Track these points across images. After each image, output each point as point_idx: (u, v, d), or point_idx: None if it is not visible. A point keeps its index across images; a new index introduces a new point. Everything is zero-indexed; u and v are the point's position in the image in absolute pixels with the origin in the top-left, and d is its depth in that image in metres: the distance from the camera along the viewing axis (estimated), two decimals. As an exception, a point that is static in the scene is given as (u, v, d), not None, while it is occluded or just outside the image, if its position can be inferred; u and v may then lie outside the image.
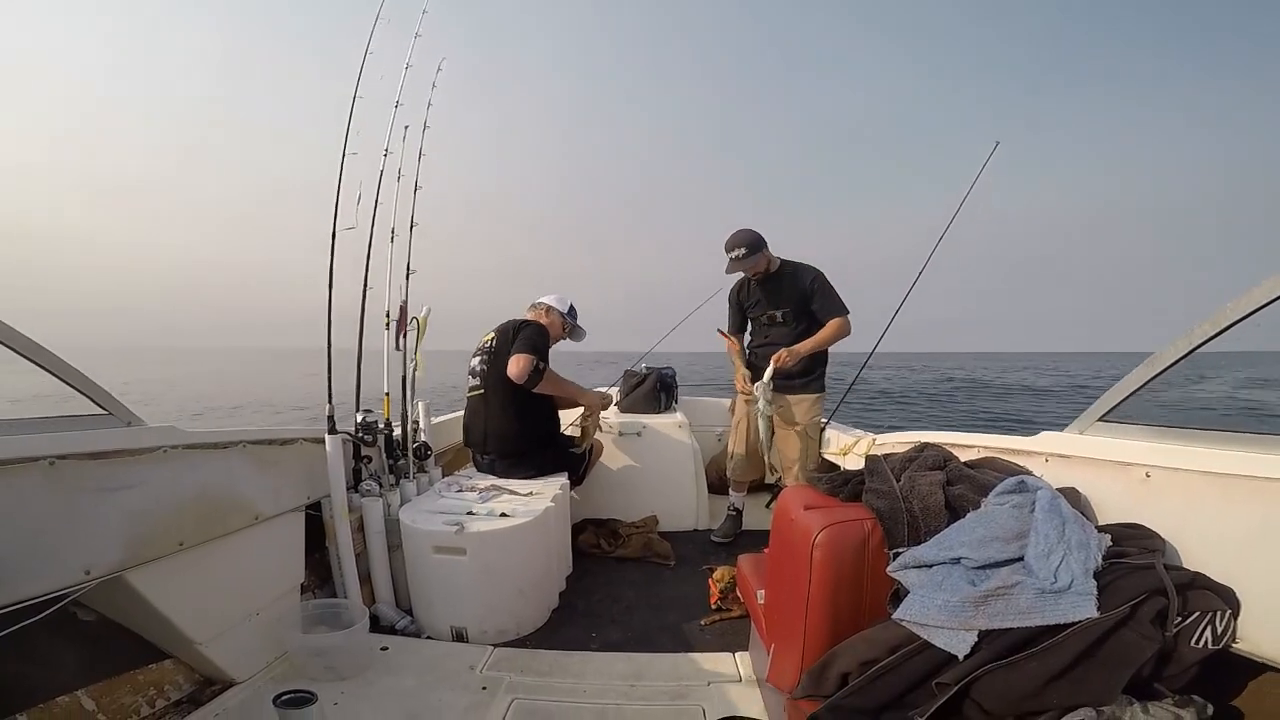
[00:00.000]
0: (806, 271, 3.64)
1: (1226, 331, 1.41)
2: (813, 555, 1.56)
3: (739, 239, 3.54)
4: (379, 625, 2.67)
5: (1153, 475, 1.55)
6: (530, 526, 2.68)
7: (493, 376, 3.27)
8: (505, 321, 3.45)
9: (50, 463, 1.63)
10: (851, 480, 1.81)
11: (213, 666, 2.09)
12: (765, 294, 3.72)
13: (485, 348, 3.37)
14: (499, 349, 3.28)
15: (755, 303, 3.79)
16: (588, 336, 3.79)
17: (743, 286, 3.86)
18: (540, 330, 3.38)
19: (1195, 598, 1.26)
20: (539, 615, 2.79)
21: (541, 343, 3.33)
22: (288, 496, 2.47)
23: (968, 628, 1.30)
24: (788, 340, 3.57)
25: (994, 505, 1.57)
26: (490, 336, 3.39)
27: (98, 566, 1.72)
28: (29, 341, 1.61)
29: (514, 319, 3.48)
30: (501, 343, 3.30)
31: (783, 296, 3.67)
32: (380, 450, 2.98)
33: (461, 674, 2.27)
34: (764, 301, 3.74)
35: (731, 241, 3.56)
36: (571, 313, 3.68)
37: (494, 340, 3.35)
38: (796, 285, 3.63)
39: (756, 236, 3.53)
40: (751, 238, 3.52)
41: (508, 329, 3.35)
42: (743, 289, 3.86)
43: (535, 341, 3.27)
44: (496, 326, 3.43)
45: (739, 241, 3.54)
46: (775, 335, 3.69)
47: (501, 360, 3.22)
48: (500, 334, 3.35)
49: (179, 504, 1.99)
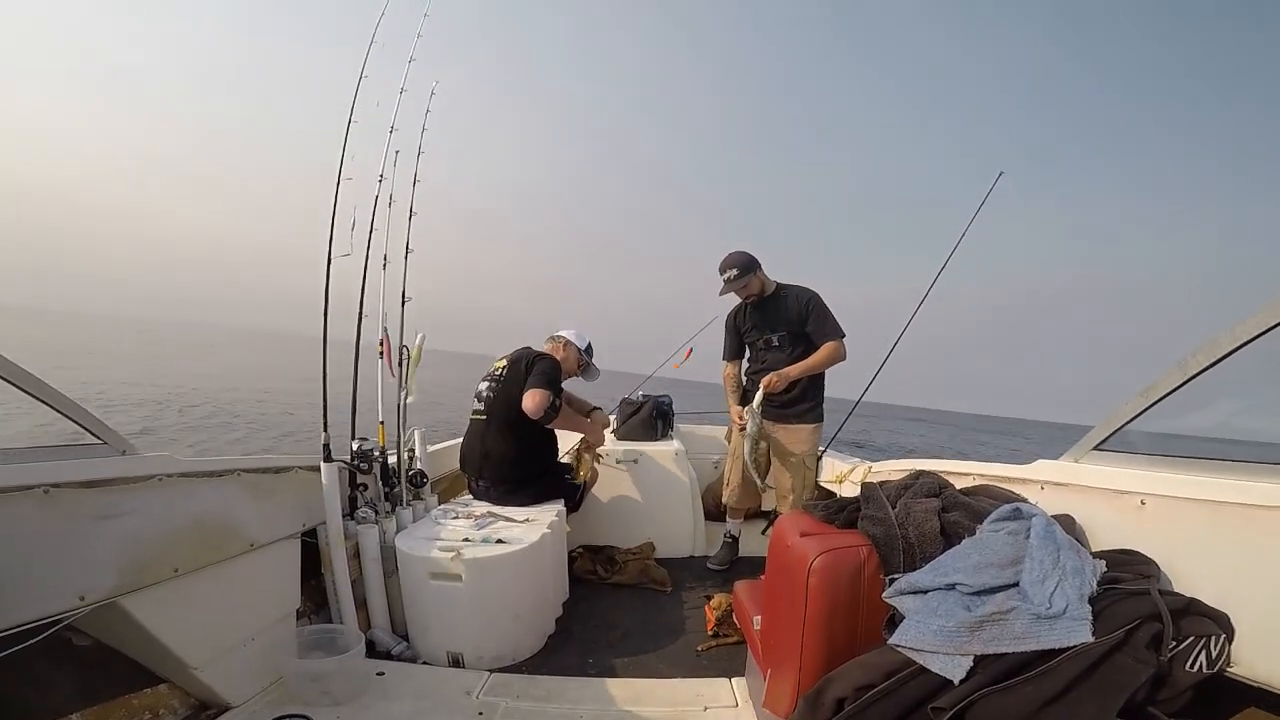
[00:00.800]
0: (802, 293, 3.59)
1: (1221, 362, 1.43)
2: (809, 581, 1.57)
3: (731, 260, 3.50)
4: (375, 650, 2.66)
5: (1147, 503, 1.56)
6: (526, 553, 2.68)
7: (498, 404, 3.26)
8: (519, 350, 3.46)
9: (45, 490, 1.64)
10: (847, 507, 1.82)
11: (208, 691, 2.08)
12: (760, 317, 3.68)
13: (495, 374, 3.37)
14: (509, 378, 3.28)
15: (751, 327, 3.74)
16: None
17: (739, 310, 3.80)
18: (555, 365, 3.37)
19: (1189, 623, 1.27)
20: (535, 641, 2.78)
21: (556, 378, 3.32)
22: (283, 523, 2.47)
23: (963, 653, 1.31)
24: (783, 365, 3.55)
25: (989, 532, 1.58)
26: (502, 364, 3.39)
27: (93, 592, 1.72)
28: (26, 374, 1.63)
29: (528, 348, 3.48)
30: (513, 373, 3.30)
31: (779, 320, 3.62)
32: (376, 477, 2.98)
33: (457, 699, 2.26)
34: (759, 325, 3.69)
35: (724, 263, 3.52)
36: (588, 350, 3.70)
37: (505, 369, 3.35)
38: (791, 308, 3.58)
39: (749, 258, 3.49)
40: (743, 259, 3.48)
41: (520, 360, 3.34)
42: (739, 313, 3.81)
43: (551, 376, 3.26)
44: (509, 355, 3.44)
45: (731, 263, 3.50)
46: (771, 360, 3.64)
47: (509, 389, 3.22)
48: (512, 364, 3.35)
49: (174, 531, 1.99)
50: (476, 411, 3.38)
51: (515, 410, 3.13)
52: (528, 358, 3.35)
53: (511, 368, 3.33)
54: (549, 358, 3.39)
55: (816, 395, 3.64)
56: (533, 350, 3.48)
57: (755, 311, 3.70)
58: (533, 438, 3.29)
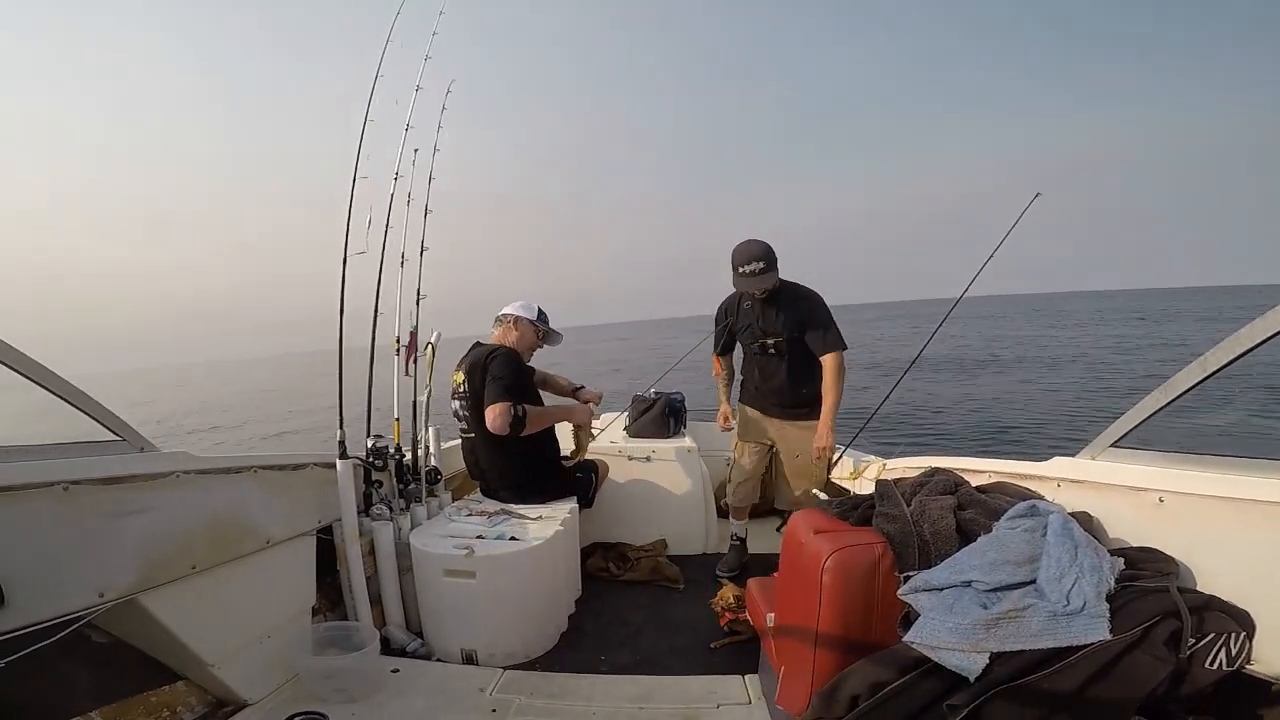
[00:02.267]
0: (806, 296, 3.35)
1: (1241, 359, 1.42)
2: (822, 579, 1.56)
3: (756, 251, 3.17)
4: (390, 648, 2.67)
5: (1166, 500, 1.55)
6: (539, 550, 2.68)
7: (476, 419, 3.10)
8: (470, 351, 3.25)
9: (64, 488, 1.66)
10: (861, 505, 1.82)
11: (224, 688, 2.09)
12: (758, 317, 3.39)
13: (460, 391, 3.19)
14: (473, 389, 3.09)
15: (746, 327, 3.45)
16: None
17: (735, 304, 3.50)
18: (507, 361, 3.11)
19: (1209, 620, 1.26)
20: (548, 638, 2.78)
21: (513, 379, 3.07)
22: (299, 521, 2.48)
23: (979, 650, 1.30)
24: (782, 376, 3.40)
25: (1005, 529, 1.57)
26: (460, 378, 3.20)
27: (111, 589, 1.74)
28: (42, 368, 1.64)
29: (477, 345, 3.29)
30: (473, 383, 3.09)
31: (779, 323, 3.35)
32: (391, 475, 2.99)
33: (471, 696, 2.27)
34: (754, 327, 3.41)
35: (747, 253, 3.17)
36: (541, 318, 3.43)
37: (465, 382, 3.16)
38: (794, 312, 3.33)
39: (771, 250, 3.17)
40: (768, 251, 3.16)
41: (475, 367, 3.12)
42: (734, 307, 3.51)
43: (506, 380, 3.02)
44: (463, 362, 3.24)
45: (756, 254, 3.16)
46: (768, 369, 3.45)
47: (476, 404, 3.05)
48: (469, 374, 3.14)
49: (191, 528, 2.01)
50: (463, 430, 3.27)
51: None
52: (481, 361, 3.11)
53: (469, 378, 3.14)
54: (500, 354, 3.13)
55: (818, 391, 3.40)
56: (482, 348, 3.24)
57: (754, 309, 3.41)
58: (524, 442, 3.11)
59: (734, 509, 3.80)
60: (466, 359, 3.21)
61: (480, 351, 3.19)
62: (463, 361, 3.23)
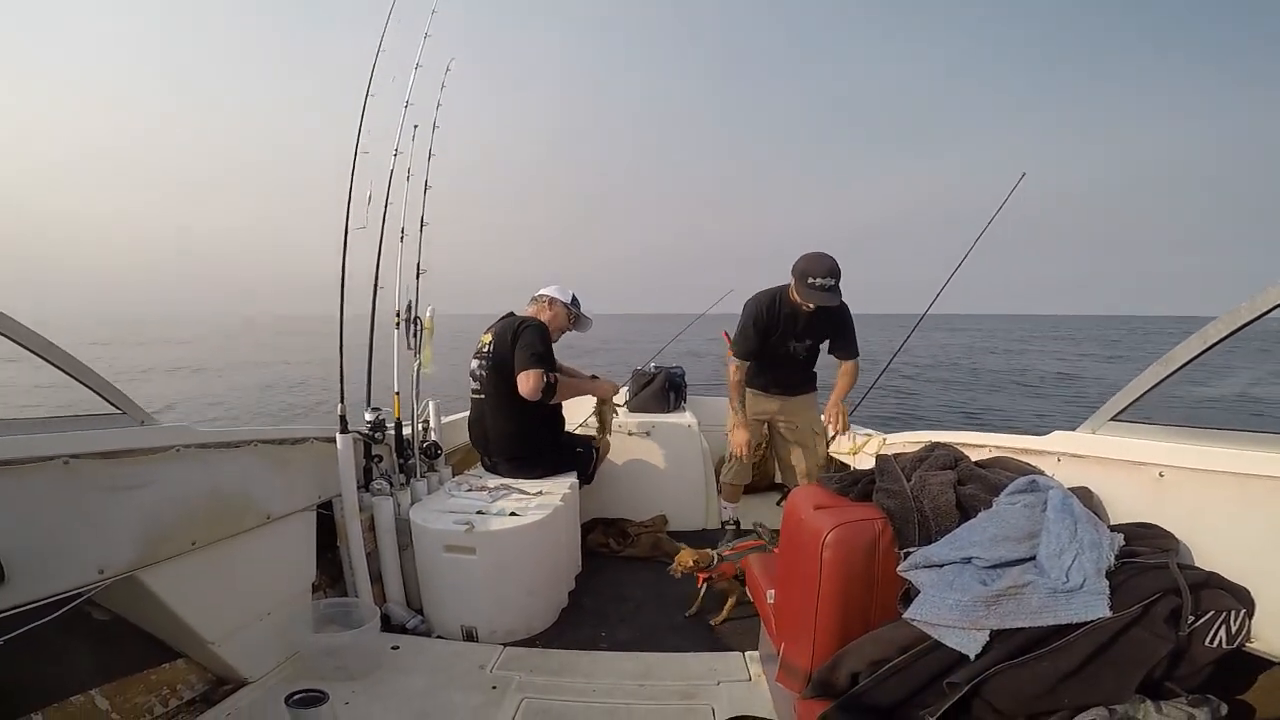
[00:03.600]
0: (843, 308, 3.36)
1: (1242, 330, 1.40)
2: (823, 555, 1.56)
3: (833, 266, 3.12)
4: (390, 625, 2.68)
5: (1166, 475, 1.54)
6: (540, 525, 2.68)
7: (492, 382, 3.15)
8: (502, 319, 3.30)
9: (65, 462, 1.64)
10: (861, 480, 1.81)
11: (225, 666, 2.10)
12: (801, 325, 3.41)
13: (484, 352, 3.24)
14: (498, 353, 3.13)
15: (784, 332, 3.43)
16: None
17: (778, 310, 3.39)
18: (541, 331, 3.16)
19: (1209, 597, 1.25)
20: (548, 614, 2.80)
21: (544, 348, 3.12)
22: (299, 496, 2.48)
23: (979, 627, 1.30)
24: (799, 375, 3.54)
25: (1005, 505, 1.56)
26: (488, 339, 3.25)
27: (111, 566, 1.74)
28: (43, 340, 1.63)
29: (511, 315, 3.33)
30: (500, 347, 3.13)
31: (813, 329, 3.43)
32: (391, 449, 2.99)
33: (472, 673, 2.28)
34: (789, 332, 3.43)
35: (824, 267, 3.12)
36: (575, 303, 3.51)
37: (492, 344, 3.20)
38: (831, 323, 3.42)
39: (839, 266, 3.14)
40: (837, 267, 3.13)
41: (505, 332, 3.17)
42: (778, 313, 3.40)
43: (538, 349, 3.06)
44: (493, 326, 3.29)
45: (833, 270, 3.12)
46: (788, 366, 3.53)
47: (501, 366, 3.10)
48: (498, 337, 3.18)
49: (192, 503, 2.00)
50: (475, 391, 3.28)
51: (510, 387, 3.02)
52: (513, 328, 3.15)
53: (498, 342, 3.17)
54: (534, 324, 3.19)
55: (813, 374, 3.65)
56: (516, 317, 3.30)
57: (801, 320, 3.39)
58: (535, 412, 3.15)
59: (728, 486, 3.83)
60: (498, 324, 3.27)
61: (514, 320, 3.25)
62: (493, 325, 3.28)
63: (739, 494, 3.83)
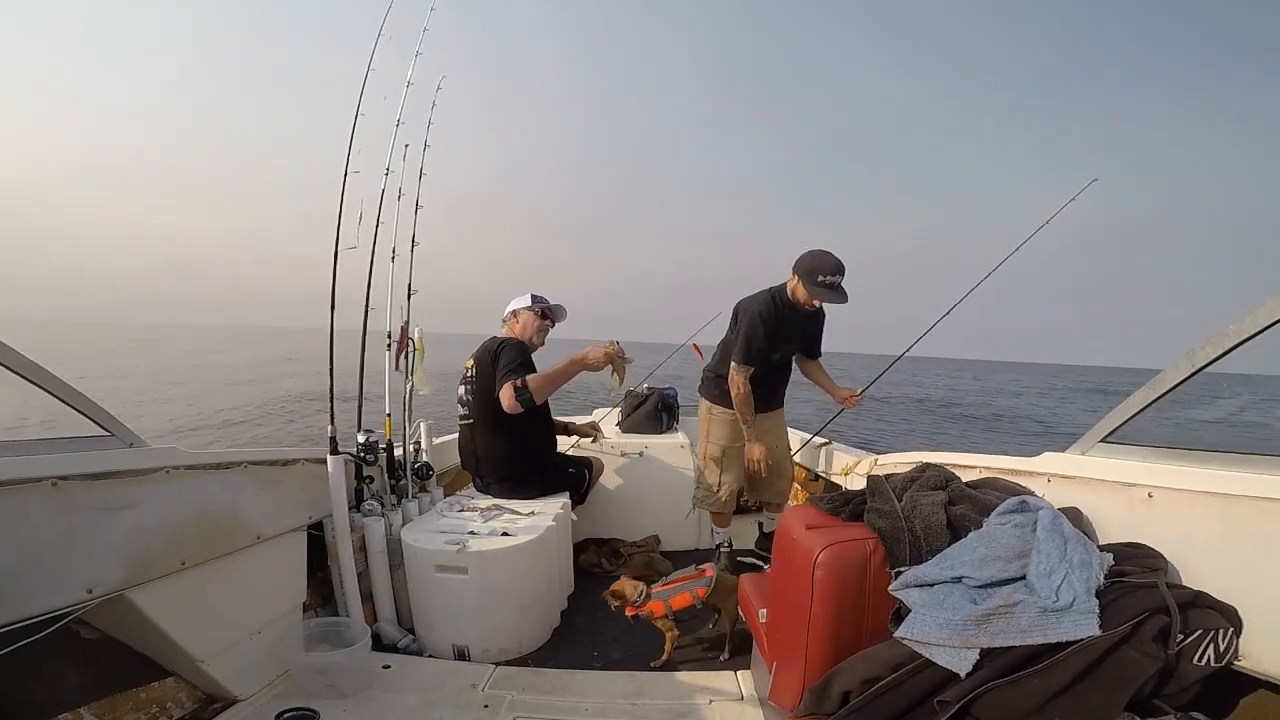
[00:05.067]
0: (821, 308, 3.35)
1: (1229, 354, 1.42)
2: (814, 575, 1.57)
3: (839, 263, 3.03)
4: (381, 644, 2.67)
5: (1155, 495, 1.56)
6: (532, 545, 2.68)
7: (479, 405, 3.19)
8: (484, 343, 3.32)
9: (53, 483, 1.64)
10: (853, 500, 1.82)
11: (215, 684, 2.09)
12: (800, 329, 3.40)
13: (468, 377, 3.27)
14: (481, 376, 3.18)
15: (784, 338, 3.34)
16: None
17: (784, 313, 3.27)
18: (516, 349, 3.18)
19: (1197, 616, 1.27)
20: (541, 634, 2.79)
21: (518, 361, 3.11)
22: (290, 516, 2.48)
23: (969, 646, 1.31)
24: (777, 386, 3.52)
25: (996, 525, 1.57)
26: (470, 364, 3.30)
27: (100, 585, 1.73)
28: (30, 363, 1.63)
29: (493, 339, 3.33)
30: (482, 370, 3.18)
31: (801, 332, 3.42)
32: (382, 470, 2.98)
33: (463, 692, 2.27)
34: (792, 338, 3.40)
35: (833, 265, 3.02)
36: (536, 300, 3.46)
37: (474, 369, 3.24)
38: (815, 321, 3.45)
39: None
40: (843, 263, 3.04)
41: (485, 356, 3.22)
42: (783, 316, 3.27)
43: (514, 364, 3.07)
44: (475, 352, 3.32)
45: (839, 266, 3.02)
46: (768, 378, 3.45)
47: (485, 389, 3.13)
48: (479, 361, 3.24)
49: (181, 524, 2.00)
50: (463, 417, 3.31)
51: (496, 408, 3.03)
52: (492, 350, 3.20)
53: (479, 365, 3.22)
54: (508, 344, 3.20)
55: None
56: (495, 339, 3.31)
57: (801, 322, 3.35)
58: (524, 432, 3.19)
59: (716, 516, 3.70)
60: (480, 347, 3.30)
61: (492, 342, 3.28)
62: (480, 346, 3.32)
63: (729, 519, 3.72)
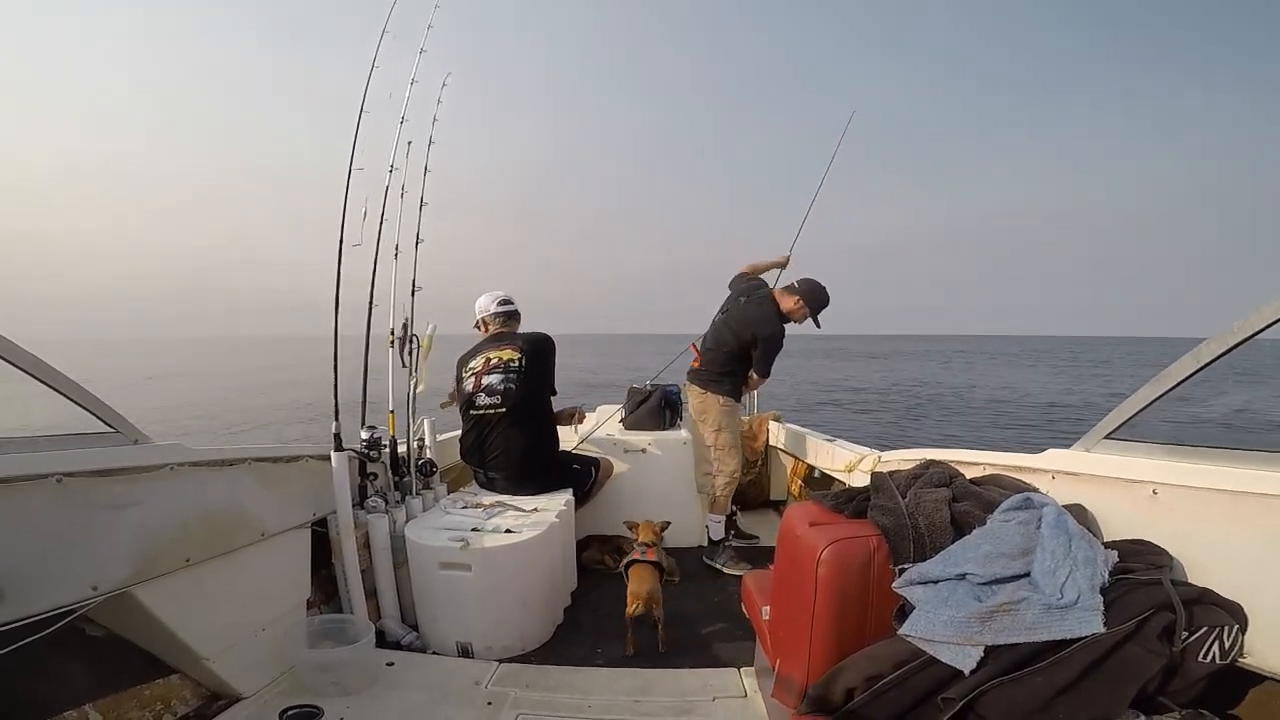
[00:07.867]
0: None
1: (1235, 350, 1.41)
2: (818, 572, 1.56)
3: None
4: (385, 641, 2.67)
5: (1160, 492, 1.55)
6: (535, 542, 2.68)
7: (519, 396, 3.19)
8: (525, 335, 3.38)
9: (58, 480, 1.65)
10: (856, 497, 1.81)
11: (219, 681, 2.09)
12: None
13: (509, 365, 3.23)
14: (531, 368, 3.23)
15: None
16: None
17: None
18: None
19: (1202, 613, 1.26)
20: (544, 631, 2.79)
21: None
22: (294, 513, 2.48)
23: (973, 643, 1.30)
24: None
25: (1000, 522, 1.57)
26: (510, 355, 3.27)
27: (105, 582, 1.73)
28: (36, 360, 1.63)
29: (532, 333, 3.40)
30: (535, 361, 3.27)
31: None
32: (386, 467, 2.99)
33: (467, 689, 2.27)
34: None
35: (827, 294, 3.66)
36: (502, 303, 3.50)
37: (522, 360, 3.23)
38: None
39: None
40: None
41: (534, 349, 3.29)
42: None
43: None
44: (516, 345, 3.31)
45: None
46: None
47: (531, 379, 3.23)
48: (530, 355, 3.28)
49: (185, 521, 2.00)
50: (492, 406, 3.22)
51: (536, 401, 3.13)
52: (545, 346, 3.33)
53: (530, 358, 3.25)
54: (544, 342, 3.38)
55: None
56: (535, 333, 3.42)
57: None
58: (546, 427, 3.30)
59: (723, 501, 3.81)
60: (520, 338, 3.35)
61: (538, 335, 3.40)
62: (516, 339, 3.34)
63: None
